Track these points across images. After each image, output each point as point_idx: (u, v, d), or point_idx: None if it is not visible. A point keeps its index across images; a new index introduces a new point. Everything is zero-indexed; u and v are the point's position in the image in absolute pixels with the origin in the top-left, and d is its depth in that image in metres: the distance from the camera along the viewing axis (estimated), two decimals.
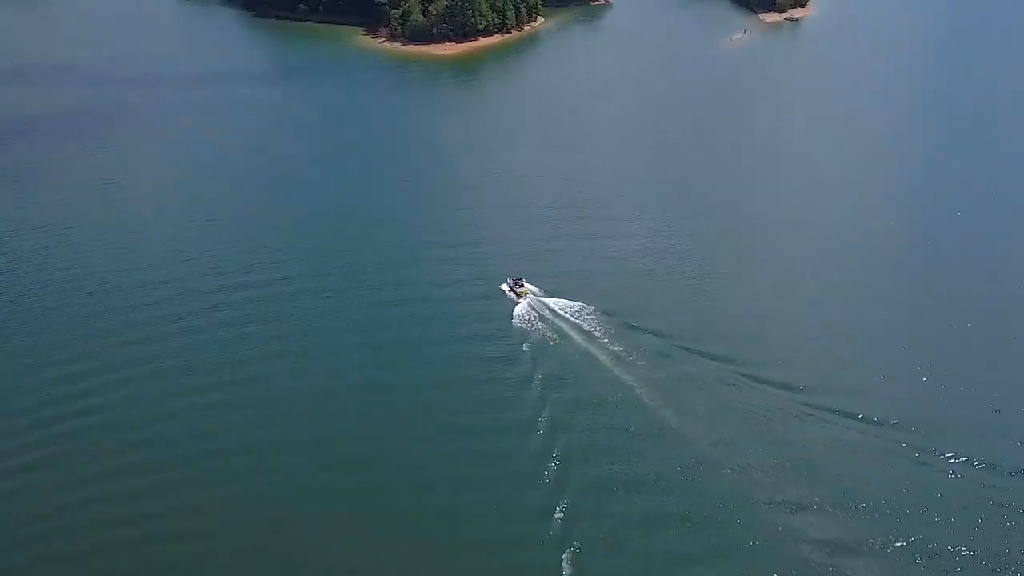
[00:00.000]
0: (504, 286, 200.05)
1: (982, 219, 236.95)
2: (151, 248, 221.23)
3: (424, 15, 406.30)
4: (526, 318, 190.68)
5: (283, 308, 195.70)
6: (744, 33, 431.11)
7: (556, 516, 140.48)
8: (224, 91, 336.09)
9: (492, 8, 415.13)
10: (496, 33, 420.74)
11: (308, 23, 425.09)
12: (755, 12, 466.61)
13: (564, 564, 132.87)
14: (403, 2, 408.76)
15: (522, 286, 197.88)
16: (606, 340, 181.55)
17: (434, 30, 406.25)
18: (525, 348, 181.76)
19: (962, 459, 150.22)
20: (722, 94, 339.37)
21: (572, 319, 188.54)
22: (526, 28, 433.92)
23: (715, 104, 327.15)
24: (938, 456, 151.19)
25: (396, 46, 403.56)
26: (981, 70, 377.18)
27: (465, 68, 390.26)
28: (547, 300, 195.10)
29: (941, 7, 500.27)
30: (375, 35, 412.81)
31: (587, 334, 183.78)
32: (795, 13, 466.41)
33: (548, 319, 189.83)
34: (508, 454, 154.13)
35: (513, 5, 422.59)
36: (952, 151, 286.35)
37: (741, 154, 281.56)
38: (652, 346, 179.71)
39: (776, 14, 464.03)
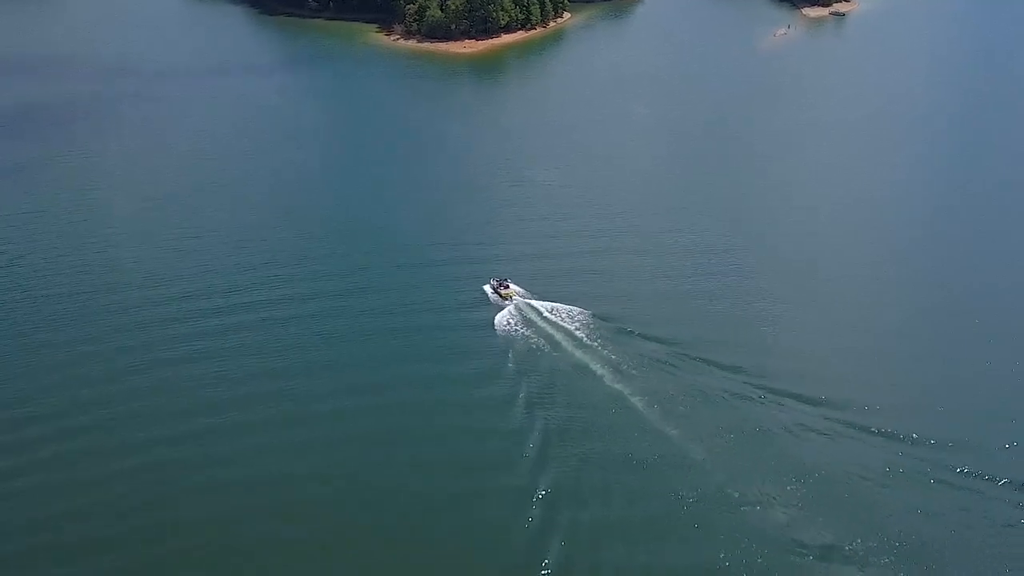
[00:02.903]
0: (487, 287, 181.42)
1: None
2: (143, 249, 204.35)
3: (442, 10, 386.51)
4: (510, 324, 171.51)
5: (252, 318, 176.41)
6: (787, 29, 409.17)
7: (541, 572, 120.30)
8: (227, 91, 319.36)
9: (515, 3, 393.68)
10: (519, 30, 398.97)
11: (318, 20, 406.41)
12: (797, 7, 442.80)
13: None
14: None
15: (507, 287, 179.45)
16: (602, 348, 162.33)
17: (453, 26, 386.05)
18: (509, 359, 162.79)
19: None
20: (761, 95, 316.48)
21: (563, 324, 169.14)
22: (551, 24, 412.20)
23: (752, 106, 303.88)
24: (987, 481, 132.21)
25: (412, 44, 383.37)
26: None
27: (484, 67, 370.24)
28: (535, 303, 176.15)
29: None
30: (389, 32, 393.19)
31: (580, 342, 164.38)
32: (840, 7, 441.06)
33: (536, 324, 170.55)
34: (486, 493, 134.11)
35: (538, 0, 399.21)
36: (1005, 154, 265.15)
37: (767, 154, 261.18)
38: (655, 355, 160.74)
39: (820, 8, 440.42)
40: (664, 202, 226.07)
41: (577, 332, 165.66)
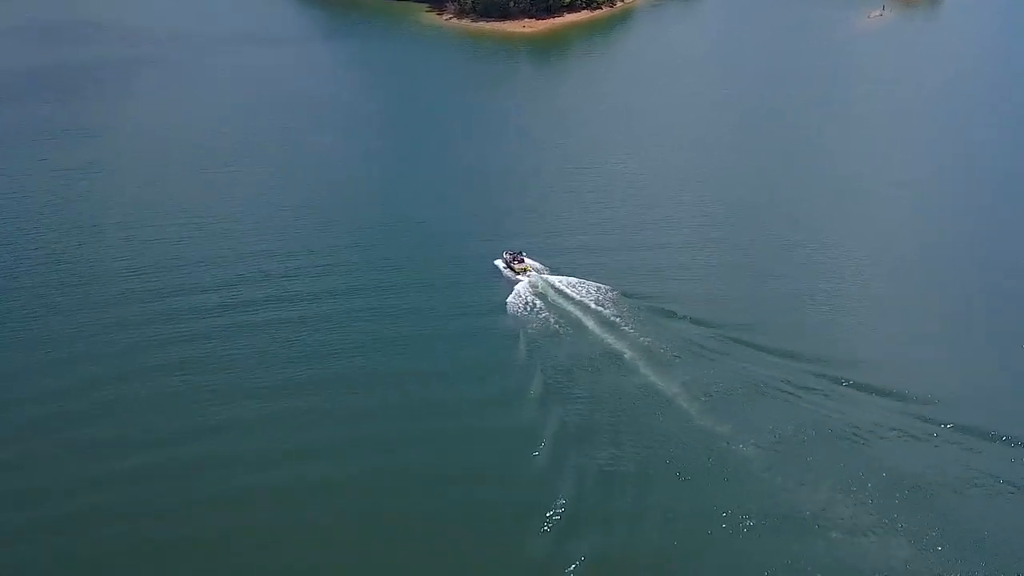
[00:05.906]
0: (499, 262, 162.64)
1: None
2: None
3: None
4: (525, 302, 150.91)
5: (244, 297, 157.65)
6: (882, 11, 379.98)
7: None
8: (265, 70, 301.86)
9: None
10: (584, 8, 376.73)
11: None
12: None
13: None
14: None
15: (521, 262, 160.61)
16: (633, 331, 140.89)
17: (511, 4, 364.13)
18: (521, 344, 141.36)
19: None
20: (845, 78, 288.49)
21: (587, 303, 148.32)
22: (619, 4, 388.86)
23: (832, 88, 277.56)
24: None
25: (465, 23, 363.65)
26: None
27: (544, 48, 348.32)
28: (553, 279, 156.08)
29: None
30: (441, 11, 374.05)
31: (607, 322, 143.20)
32: None
33: (555, 303, 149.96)
34: (493, 507, 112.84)
35: None
36: None
37: (844, 134, 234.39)
38: (698, 340, 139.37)
39: None
40: (721, 177, 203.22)
41: (603, 312, 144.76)
